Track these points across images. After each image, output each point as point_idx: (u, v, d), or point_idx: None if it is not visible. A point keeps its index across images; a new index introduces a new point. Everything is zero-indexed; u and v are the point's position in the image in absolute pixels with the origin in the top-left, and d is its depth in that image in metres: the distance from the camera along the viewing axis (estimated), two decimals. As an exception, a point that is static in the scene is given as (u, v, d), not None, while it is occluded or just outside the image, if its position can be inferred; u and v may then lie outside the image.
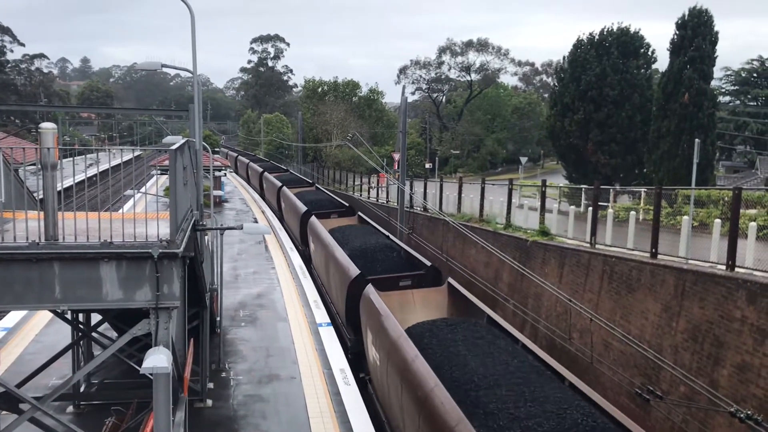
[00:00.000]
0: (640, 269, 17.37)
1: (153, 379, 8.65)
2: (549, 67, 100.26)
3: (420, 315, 17.06)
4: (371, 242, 24.59)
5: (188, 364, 12.21)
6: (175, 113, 27.15)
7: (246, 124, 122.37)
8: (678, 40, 34.72)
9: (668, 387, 15.55)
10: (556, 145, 45.33)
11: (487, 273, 26.22)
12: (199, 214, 13.74)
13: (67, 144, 75.05)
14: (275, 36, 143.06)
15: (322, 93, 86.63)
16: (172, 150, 9.52)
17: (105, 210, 30.26)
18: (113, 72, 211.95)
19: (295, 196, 37.91)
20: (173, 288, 9.05)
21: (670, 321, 15.96)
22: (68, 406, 14.69)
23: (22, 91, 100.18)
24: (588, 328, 18.78)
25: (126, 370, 15.46)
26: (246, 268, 28.91)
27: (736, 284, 14.04)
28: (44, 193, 8.79)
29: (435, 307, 17.66)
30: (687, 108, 33.55)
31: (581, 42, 43.26)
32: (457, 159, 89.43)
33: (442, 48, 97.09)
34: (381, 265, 22.29)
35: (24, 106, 68.52)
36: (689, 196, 19.51)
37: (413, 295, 17.99)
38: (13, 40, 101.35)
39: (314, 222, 29.36)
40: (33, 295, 8.76)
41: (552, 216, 24.07)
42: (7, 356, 17.00)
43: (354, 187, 53.66)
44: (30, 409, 9.44)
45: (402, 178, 34.45)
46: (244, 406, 15.21)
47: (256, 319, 21.67)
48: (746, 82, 70.41)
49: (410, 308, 17.57)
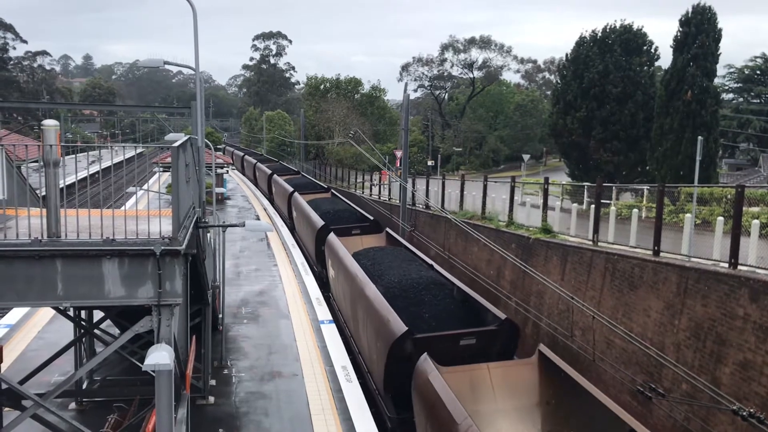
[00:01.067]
0: (642, 267, 17.35)
1: (155, 376, 8.67)
2: (551, 65, 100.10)
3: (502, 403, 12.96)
4: (412, 276, 18.88)
5: (190, 361, 12.23)
6: (178, 110, 27.10)
7: (248, 121, 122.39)
8: (681, 37, 34.62)
9: (670, 385, 15.54)
10: (559, 142, 45.29)
11: (489, 270, 26.21)
12: (202, 212, 13.74)
13: (69, 141, 75.12)
14: (277, 33, 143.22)
15: (324, 90, 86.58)
16: (175, 147, 9.53)
17: (107, 207, 30.34)
18: (116, 69, 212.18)
19: (309, 206, 33.01)
20: (175, 285, 9.05)
21: (672, 319, 15.95)
22: (71, 402, 14.71)
23: (25, 89, 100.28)
24: (590, 325, 18.76)
25: (128, 367, 15.49)
26: (248, 265, 28.94)
27: (738, 282, 14.01)
28: (47, 190, 8.80)
29: (523, 390, 13.38)
30: (690, 105, 33.49)
31: (584, 39, 43.19)
32: (459, 156, 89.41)
33: (445, 45, 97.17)
34: (428, 312, 17.01)
35: (26, 104, 68.61)
36: (692, 194, 19.47)
37: (489, 372, 13.59)
38: (16, 37, 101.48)
39: (334, 242, 24.16)
40: (35, 292, 8.77)
41: (554, 213, 24.04)
42: (9, 353, 17.03)
43: (356, 184, 53.67)
44: (32, 405, 9.46)
45: (404, 175, 34.44)
46: (246, 403, 15.24)
47: (258, 316, 21.70)
48: (749, 80, 70.21)
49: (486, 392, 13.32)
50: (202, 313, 15.63)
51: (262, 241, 34.09)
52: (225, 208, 44.56)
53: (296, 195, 37.48)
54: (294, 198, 37.51)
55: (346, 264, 20.88)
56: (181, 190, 9.71)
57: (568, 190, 28.96)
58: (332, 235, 25.09)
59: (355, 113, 79.13)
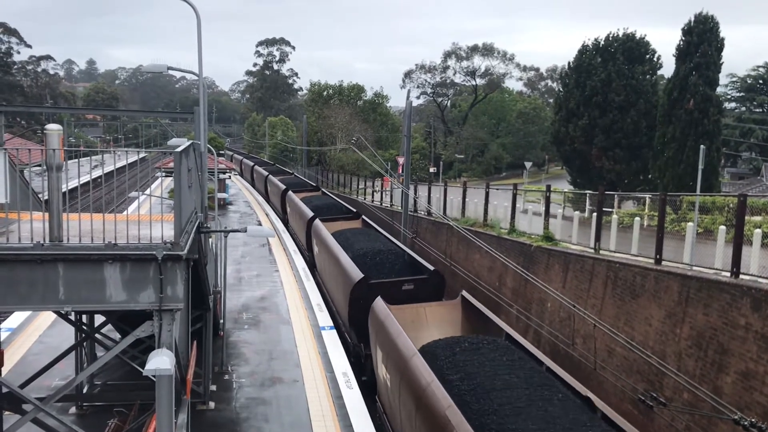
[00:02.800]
0: (644, 275, 17.33)
1: (156, 381, 8.65)
2: (554, 73, 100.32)
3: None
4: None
5: (191, 367, 12.21)
6: (181, 115, 27.21)
7: (251, 127, 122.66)
8: (684, 46, 34.70)
9: (672, 394, 15.50)
10: (561, 150, 45.31)
11: (490, 278, 26.18)
12: (204, 217, 13.76)
13: (72, 145, 75.33)
14: (281, 39, 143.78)
15: (327, 97, 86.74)
16: (177, 152, 9.55)
17: (110, 211, 30.38)
18: (119, 74, 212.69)
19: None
20: (177, 290, 9.06)
21: (673, 327, 15.92)
22: (71, 407, 14.70)
23: (29, 93, 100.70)
24: (591, 333, 18.73)
25: (129, 371, 15.46)
26: (249, 270, 28.93)
27: (740, 291, 13.99)
28: (49, 194, 8.81)
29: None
30: (692, 114, 33.53)
31: (586, 47, 43.28)
32: (461, 163, 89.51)
33: (448, 52, 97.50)
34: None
35: (30, 108, 68.82)
36: (694, 203, 19.46)
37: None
38: (20, 41, 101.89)
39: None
40: (37, 296, 8.77)
41: (556, 221, 24.03)
42: (10, 357, 17.02)
43: (358, 190, 53.69)
44: (33, 409, 9.45)
45: (406, 182, 34.45)
46: (246, 408, 15.21)
47: (259, 321, 21.68)
48: (752, 89, 70.32)
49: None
50: (203, 319, 15.62)
51: (263, 247, 34.09)
52: (227, 214, 44.57)
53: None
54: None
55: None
56: (184, 195, 9.73)
57: (570, 198, 28.99)
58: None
59: (357, 120, 79.23)
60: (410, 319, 16.33)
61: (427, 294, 19.74)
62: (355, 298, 19.48)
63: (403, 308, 16.75)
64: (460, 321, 16.86)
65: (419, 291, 19.92)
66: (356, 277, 19.64)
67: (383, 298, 16.78)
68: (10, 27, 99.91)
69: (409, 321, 16.13)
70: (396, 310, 16.13)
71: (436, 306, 17.50)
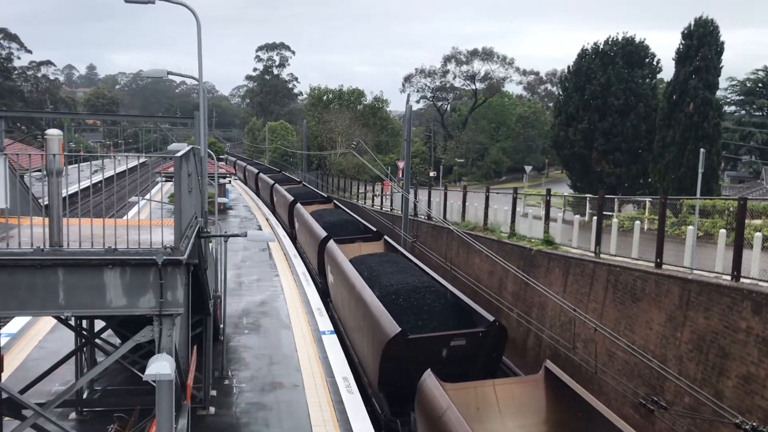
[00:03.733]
0: (644, 279, 17.32)
1: (156, 386, 8.65)
2: (554, 76, 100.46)
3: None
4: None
5: (191, 372, 12.20)
6: (181, 120, 27.14)
7: (251, 131, 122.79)
8: (684, 49, 34.71)
9: (672, 397, 15.48)
10: (561, 154, 45.29)
11: (491, 282, 26.17)
12: (204, 221, 13.75)
13: (72, 150, 75.34)
14: (280, 44, 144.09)
15: (327, 101, 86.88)
16: (178, 157, 9.55)
17: (110, 216, 30.40)
18: (119, 79, 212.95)
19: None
20: (177, 295, 9.05)
21: (674, 331, 15.90)
22: (71, 412, 14.67)
23: (29, 98, 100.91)
24: (592, 337, 18.71)
25: (129, 376, 15.46)
26: (250, 275, 28.92)
27: (741, 295, 13.98)
28: (49, 199, 8.82)
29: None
30: (692, 118, 33.51)
31: (586, 51, 43.27)
32: (461, 167, 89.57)
33: (447, 56, 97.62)
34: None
35: (30, 113, 68.93)
36: (694, 206, 19.46)
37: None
38: (20, 46, 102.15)
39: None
40: (37, 301, 8.77)
41: (556, 225, 24.03)
42: (10, 362, 17.00)
43: (358, 195, 53.64)
44: (33, 415, 9.44)
45: (406, 186, 34.47)
46: (246, 413, 15.18)
47: (260, 326, 21.66)
48: (751, 92, 70.35)
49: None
50: (203, 323, 15.61)
51: (264, 251, 34.09)
52: (227, 218, 44.57)
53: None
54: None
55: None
56: (184, 199, 9.73)
57: (570, 202, 28.99)
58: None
59: (357, 124, 79.35)
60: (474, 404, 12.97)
61: (484, 351, 15.88)
62: (388, 358, 15.29)
63: (466, 387, 13.21)
64: (543, 403, 13.08)
65: (472, 347, 15.72)
66: (391, 332, 15.12)
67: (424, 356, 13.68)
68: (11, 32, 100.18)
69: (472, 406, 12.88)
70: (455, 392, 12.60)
71: (511, 384, 13.65)
